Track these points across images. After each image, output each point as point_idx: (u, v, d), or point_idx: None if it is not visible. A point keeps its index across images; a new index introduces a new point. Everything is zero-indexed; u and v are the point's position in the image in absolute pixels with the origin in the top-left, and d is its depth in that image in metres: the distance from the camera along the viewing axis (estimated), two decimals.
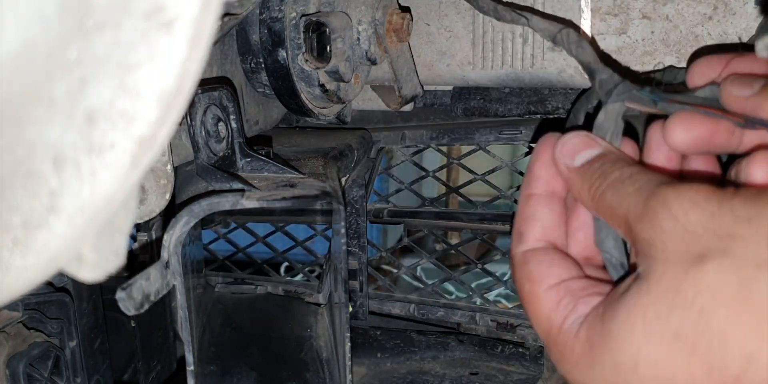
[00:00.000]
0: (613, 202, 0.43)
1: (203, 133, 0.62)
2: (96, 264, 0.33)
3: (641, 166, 0.46)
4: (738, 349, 0.35)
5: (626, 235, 0.43)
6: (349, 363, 0.72)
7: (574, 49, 0.54)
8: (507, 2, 0.66)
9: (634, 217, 0.41)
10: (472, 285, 0.98)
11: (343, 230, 0.68)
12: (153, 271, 0.52)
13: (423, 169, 0.96)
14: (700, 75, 0.51)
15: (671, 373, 0.37)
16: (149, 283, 0.52)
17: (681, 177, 0.50)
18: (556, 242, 0.50)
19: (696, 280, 0.37)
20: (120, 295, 0.48)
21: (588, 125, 0.53)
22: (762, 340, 0.34)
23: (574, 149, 0.49)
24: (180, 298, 0.58)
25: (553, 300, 0.46)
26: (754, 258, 0.36)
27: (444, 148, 1.00)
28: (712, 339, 0.35)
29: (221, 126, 0.63)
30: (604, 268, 0.50)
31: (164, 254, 0.55)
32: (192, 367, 0.59)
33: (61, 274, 0.33)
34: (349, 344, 0.72)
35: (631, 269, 0.47)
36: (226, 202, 0.56)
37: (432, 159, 1.84)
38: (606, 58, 0.73)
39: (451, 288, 1.64)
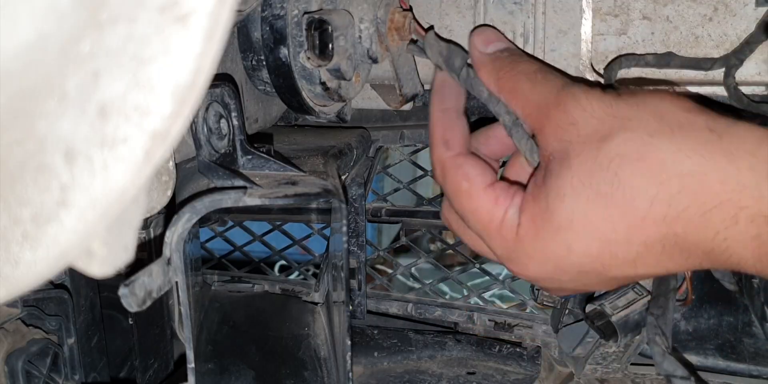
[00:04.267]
0: (526, 91, 0.55)
1: (205, 129, 0.62)
2: (106, 259, 0.33)
3: (542, 63, 0.57)
4: (643, 194, 0.46)
5: (533, 120, 0.54)
6: (350, 361, 0.72)
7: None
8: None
9: (547, 105, 0.52)
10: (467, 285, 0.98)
11: (344, 228, 0.68)
12: (155, 268, 0.52)
13: (421, 168, 0.96)
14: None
15: (596, 220, 0.48)
16: (151, 280, 0.51)
17: None
18: (472, 150, 0.60)
19: (608, 151, 0.48)
20: (123, 291, 0.48)
21: None
22: (661, 184, 0.46)
23: (487, 39, 0.60)
24: (182, 296, 0.57)
25: (491, 197, 0.55)
26: (646, 130, 0.47)
27: None
28: (624, 191, 0.47)
29: (223, 123, 0.62)
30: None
31: (166, 251, 0.55)
32: (192, 365, 0.59)
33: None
34: (350, 342, 0.71)
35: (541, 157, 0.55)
36: (228, 199, 0.56)
37: (427, 158, 1.83)
38: (605, 59, 0.74)
39: (445, 288, 1.64)
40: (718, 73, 0.70)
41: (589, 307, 0.74)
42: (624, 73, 0.72)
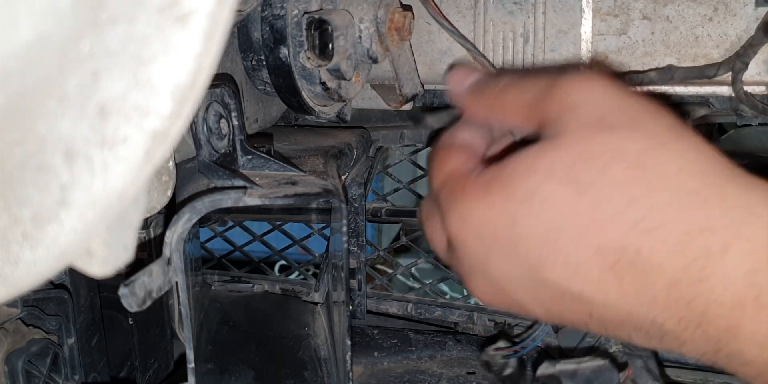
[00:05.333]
0: (514, 94, 0.48)
1: (205, 129, 0.62)
2: (106, 259, 0.33)
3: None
4: (626, 195, 0.40)
5: (525, 121, 0.47)
6: (350, 361, 0.72)
7: None
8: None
9: (540, 98, 0.45)
10: None
11: (344, 228, 0.68)
12: (155, 268, 0.52)
13: (421, 168, 0.96)
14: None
15: (558, 204, 0.41)
16: (151, 280, 0.51)
17: None
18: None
19: (605, 141, 0.41)
20: (123, 291, 0.48)
21: None
22: (649, 190, 0.39)
23: (459, 78, 0.54)
24: (182, 296, 0.57)
25: (462, 156, 0.50)
26: (659, 137, 0.41)
27: None
28: (604, 186, 0.40)
29: (223, 123, 0.62)
30: None
31: (166, 251, 0.55)
32: (192, 365, 0.59)
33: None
34: (350, 342, 0.71)
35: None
36: (228, 199, 0.56)
37: (427, 158, 1.84)
38: (605, 59, 0.74)
39: (445, 288, 1.64)
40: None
41: None
42: (629, 61, 0.72)
